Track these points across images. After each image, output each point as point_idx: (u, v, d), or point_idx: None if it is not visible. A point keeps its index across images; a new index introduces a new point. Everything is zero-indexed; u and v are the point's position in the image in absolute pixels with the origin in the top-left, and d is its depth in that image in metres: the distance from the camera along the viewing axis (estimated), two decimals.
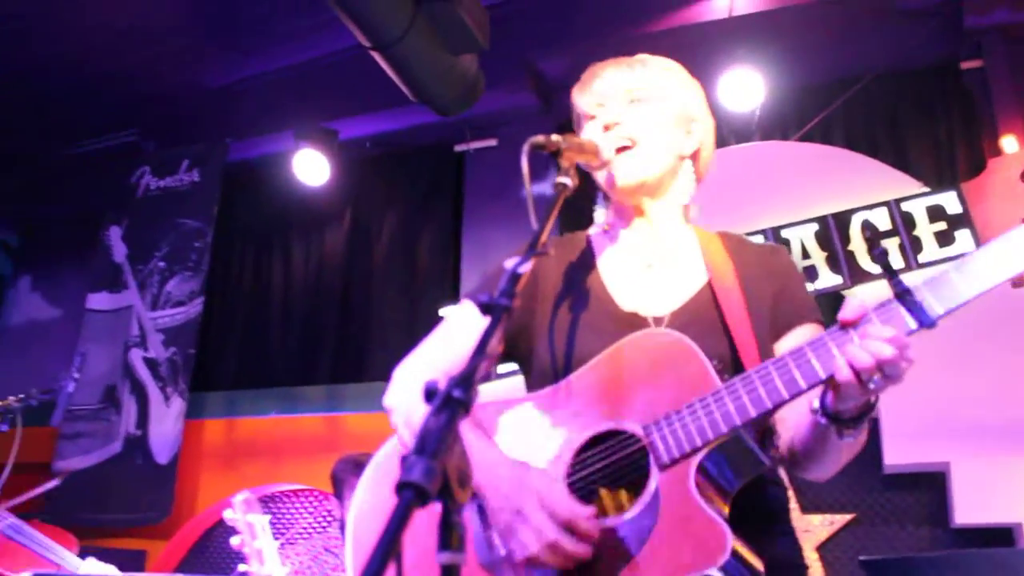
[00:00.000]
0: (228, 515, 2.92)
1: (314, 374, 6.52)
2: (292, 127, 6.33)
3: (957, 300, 1.29)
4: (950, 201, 4.71)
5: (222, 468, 6.22)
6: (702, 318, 1.65)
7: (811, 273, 4.83)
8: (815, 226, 4.93)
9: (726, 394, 1.41)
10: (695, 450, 1.40)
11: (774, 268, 1.78)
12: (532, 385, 1.74)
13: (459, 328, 1.76)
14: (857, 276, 4.76)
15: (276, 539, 2.89)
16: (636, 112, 1.77)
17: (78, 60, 6.20)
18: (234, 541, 2.88)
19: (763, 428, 1.54)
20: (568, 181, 1.50)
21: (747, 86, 5.27)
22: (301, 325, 6.77)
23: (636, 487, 1.45)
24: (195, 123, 6.94)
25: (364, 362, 6.36)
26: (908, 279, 1.33)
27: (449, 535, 0.92)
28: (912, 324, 1.31)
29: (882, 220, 4.81)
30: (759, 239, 4.95)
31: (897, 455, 4.59)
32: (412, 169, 6.81)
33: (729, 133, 5.61)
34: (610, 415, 1.52)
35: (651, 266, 1.79)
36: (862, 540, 4.71)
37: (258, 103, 6.55)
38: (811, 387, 1.37)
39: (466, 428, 1.55)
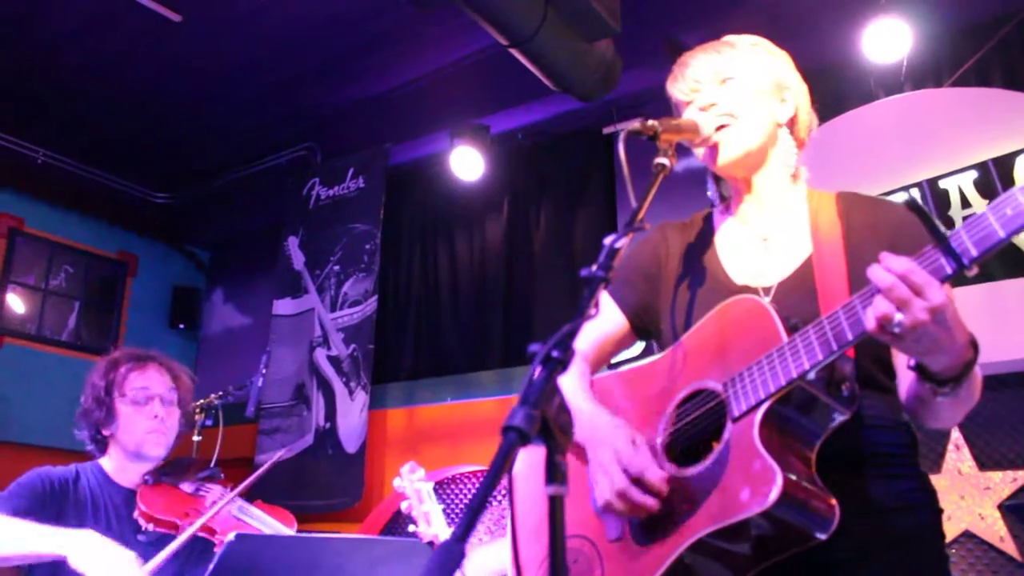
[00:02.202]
0: (396, 483, 3.21)
1: (485, 360, 6.80)
2: (446, 126, 6.63)
3: (991, 240, 1.29)
4: None
5: (406, 454, 6.58)
6: (801, 288, 1.72)
7: None
8: (974, 173, 4.77)
9: (787, 349, 1.49)
10: (759, 403, 1.50)
11: (884, 227, 1.77)
12: None
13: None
14: None
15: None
16: (729, 90, 1.85)
17: (249, 82, 6.70)
18: (403, 505, 3.16)
19: (836, 377, 1.54)
20: (667, 162, 1.63)
21: (894, 35, 5.13)
22: (470, 314, 7.07)
23: (718, 438, 1.57)
24: (356, 132, 7.33)
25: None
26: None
27: (553, 471, 1.08)
28: (948, 268, 1.33)
29: None
30: (915, 192, 4.84)
31: None
32: (563, 155, 6.97)
33: (877, 86, 5.47)
34: (699, 376, 1.66)
35: (766, 239, 1.87)
36: None
37: (412, 107, 6.84)
38: (858, 337, 1.40)
39: (580, 395, 1.75)
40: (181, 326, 8.93)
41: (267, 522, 2.95)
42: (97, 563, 2.32)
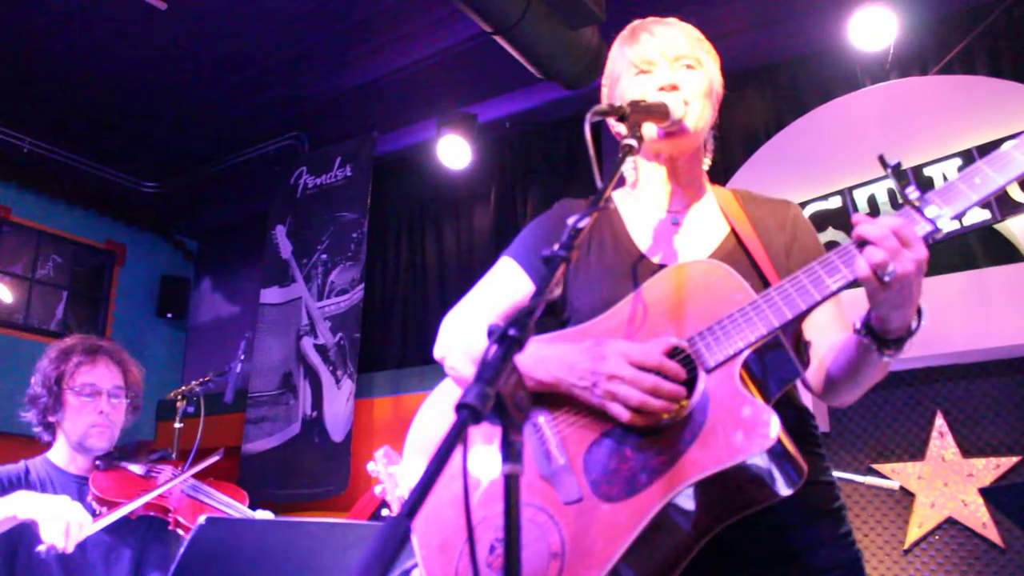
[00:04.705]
0: (370, 467, 3.21)
1: None
2: (434, 115, 6.62)
3: (964, 205, 1.42)
4: None
5: (392, 443, 6.57)
6: (732, 261, 1.72)
7: None
8: (959, 161, 4.78)
9: (763, 302, 1.52)
10: (738, 352, 1.51)
11: (784, 221, 1.90)
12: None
13: (497, 283, 1.97)
14: (1007, 209, 4.59)
15: None
16: (689, 77, 1.86)
17: (236, 71, 6.68)
18: (376, 490, 3.17)
19: (797, 339, 1.64)
20: (634, 143, 1.63)
21: (880, 23, 5.13)
22: (457, 302, 7.04)
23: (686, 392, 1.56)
24: (344, 121, 7.32)
25: None
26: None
27: (509, 449, 1.07)
28: (927, 227, 1.42)
29: None
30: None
31: None
32: (551, 143, 6.97)
33: (863, 73, 5.47)
34: (652, 334, 1.64)
35: (676, 223, 1.91)
36: None
37: (400, 96, 6.83)
38: (839, 288, 1.47)
39: (535, 343, 1.70)
40: (169, 315, 8.92)
41: (218, 498, 3.00)
42: (43, 504, 2.49)
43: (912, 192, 1.44)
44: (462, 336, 1.88)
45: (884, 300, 1.45)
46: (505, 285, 1.95)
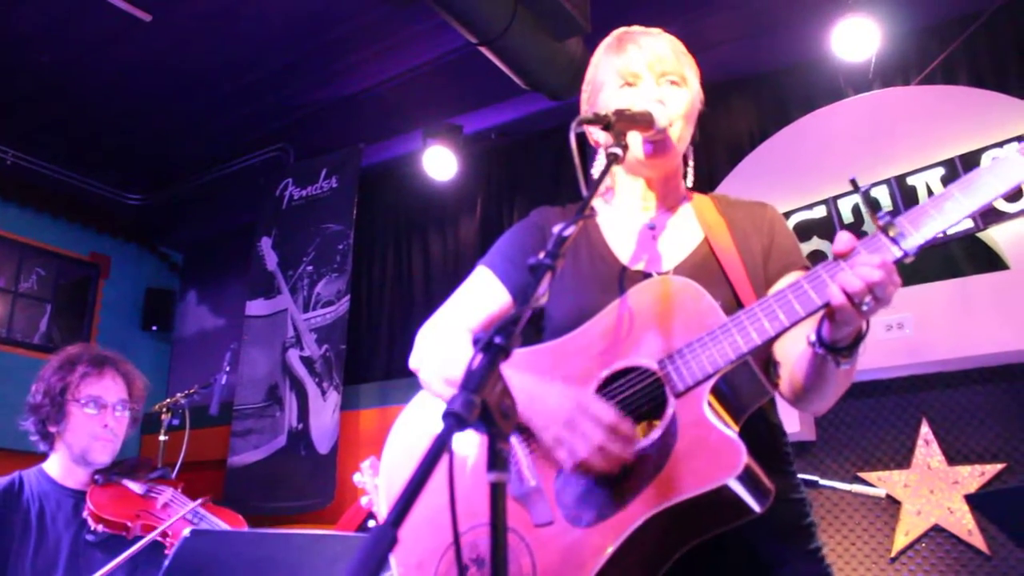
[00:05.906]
0: (357, 478, 3.20)
1: None
2: (419, 126, 6.63)
3: (933, 230, 1.41)
4: None
5: (378, 454, 6.55)
6: (704, 270, 1.76)
7: None
8: (941, 170, 4.81)
9: (732, 326, 1.52)
10: (707, 377, 1.51)
11: (761, 223, 1.90)
12: (546, 341, 1.88)
13: (473, 292, 1.96)
14: (990, 218, 4.61)
15: None
16: (674, 95, 1.87)
17: (221, 83, 6.67)
18: (363, 501, 3.15)
19: (766, 359, 1.65)
20: (619, 151, 1.63)
21: (862, 34, 5.16)
22: None
23: (654, 416, 1.57)
24: (329, 132, 7.31)
25: None
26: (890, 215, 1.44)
27: (495, 458, 1.07)
28: (897, 253, 1.41)
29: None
30: (884, 188, 4.87)
31: None
32: (537, 155, 6.97)
33: (846, 84, 5.50)
34: (625, 354, 1.64)
35: (653, 227, 1.92)
36: None
37: (385, 107, 6.83)
38: (809, 314, 1.47)
39: (512, 369, 1.69)
40: (154, 328, 8.87)
41: (218, 525, 2.95)
42: None
43: (885, 220, 1.43)
44: (437, 352, 1.87)
45: (851, 320, 1.46)
46: (480, 295, 1.94)
